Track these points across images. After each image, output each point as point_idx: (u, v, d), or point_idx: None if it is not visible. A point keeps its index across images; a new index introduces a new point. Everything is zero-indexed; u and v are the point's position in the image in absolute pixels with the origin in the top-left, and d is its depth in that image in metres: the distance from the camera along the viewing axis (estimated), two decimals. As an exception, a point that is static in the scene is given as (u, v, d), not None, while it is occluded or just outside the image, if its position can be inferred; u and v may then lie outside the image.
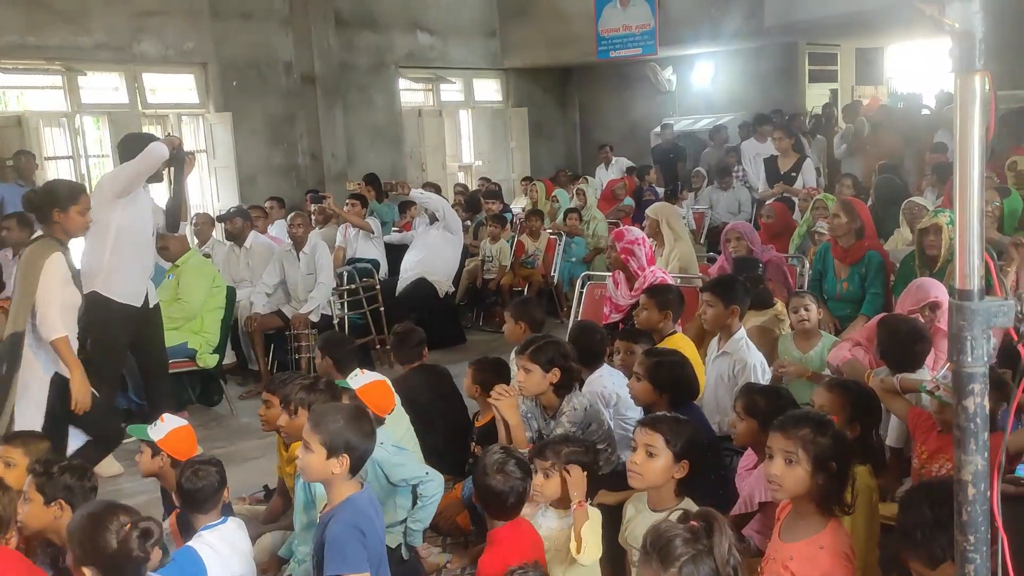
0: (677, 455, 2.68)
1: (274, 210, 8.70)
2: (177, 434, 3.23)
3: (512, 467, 2.71)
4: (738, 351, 3.95)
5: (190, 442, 3.26)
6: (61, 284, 4.17)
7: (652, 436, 2.68)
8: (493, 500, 2.71)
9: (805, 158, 8.08)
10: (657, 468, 2.67)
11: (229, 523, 2.91)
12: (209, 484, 2.88)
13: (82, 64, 9.09)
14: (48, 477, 2.82)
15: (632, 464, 2.72)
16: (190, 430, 3.31)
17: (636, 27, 11.98)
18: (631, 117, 13.89)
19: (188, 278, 5.94)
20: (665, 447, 2.67)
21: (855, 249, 5.06)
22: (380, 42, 11.97)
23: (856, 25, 10.86)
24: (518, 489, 2.70)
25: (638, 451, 2.71)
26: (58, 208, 4.26)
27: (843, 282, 5.13)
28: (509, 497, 2.69)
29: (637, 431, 2.77)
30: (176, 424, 3.27)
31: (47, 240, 4.27)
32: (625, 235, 5.12)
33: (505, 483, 2.67)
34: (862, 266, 5.05)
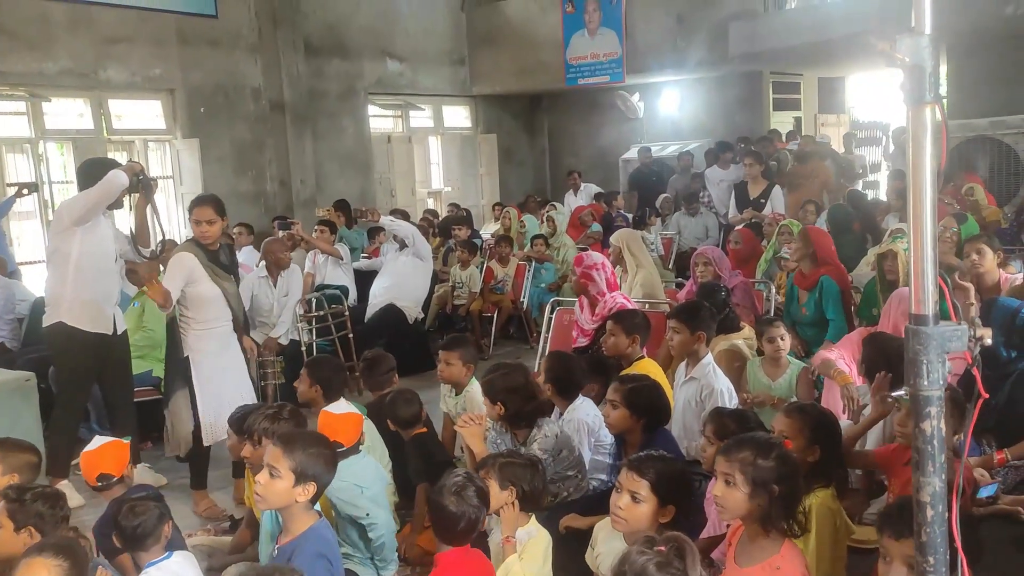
0: (663, 500, 2.60)
1: (242, 236, 8.63)
2: (108, 450, 3.20)
3: (470, 493, 2.66)
4: (705, 376, 3.99)
5: (121, 460, 3.21)
6: (181, 278, 4.53)
7: (638, 482, 2.59)
8: (444, 522, 2.66)
9: (774, 184, 8.22)
10: (642, 514, 2.59)
11: (174, 557, 2.81)
12: (148, 520, 2.79)
13: (46, 90, 9.01)
14: (20, 504, 2.76)
15: (616, 508, 2.63)
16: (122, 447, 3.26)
17: (604, 55, 12.16)
18: (599, 144, 14.04)
19: (153, 306, 5.86)
20: (651, 493, 2.58)
21: (811, 275, 5.22)
22: (349, 69, 12.01)
23: (818, 55, 11.09)
24: (470, 515, 2.64)
25: (622, 495, 2.62)
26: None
27: (802, 307, 5.34)
28: (460, 522, 2.63)
29: (623, 474, 2.66)
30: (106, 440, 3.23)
31: (187, 243, 4.75)
32: (584, 259, 5.17)
33: (458, 507, 2.62)
34: (816, 291, 5.24)
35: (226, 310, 4.68)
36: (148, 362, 5.79)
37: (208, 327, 4.64)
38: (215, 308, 4.64)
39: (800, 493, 2.41)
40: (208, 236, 4.61)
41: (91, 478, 3.19)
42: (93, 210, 4.70)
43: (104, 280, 4.86)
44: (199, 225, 4.62)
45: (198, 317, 4.61)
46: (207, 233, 4.61)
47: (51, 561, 2.34)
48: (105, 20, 9.26)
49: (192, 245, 4.63)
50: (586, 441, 3.81)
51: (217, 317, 4.66)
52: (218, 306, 4.65)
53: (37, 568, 2.33)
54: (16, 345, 6.41)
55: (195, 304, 4.59)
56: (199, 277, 4.56)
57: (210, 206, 4.62)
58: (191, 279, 4.53)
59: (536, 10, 13.02)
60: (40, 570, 2.33)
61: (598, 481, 3.78)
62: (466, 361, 4.27)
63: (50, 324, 4.79)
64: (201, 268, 4.57)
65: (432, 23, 13.15)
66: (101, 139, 9.52)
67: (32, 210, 9.06)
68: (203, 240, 4.62)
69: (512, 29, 13.20)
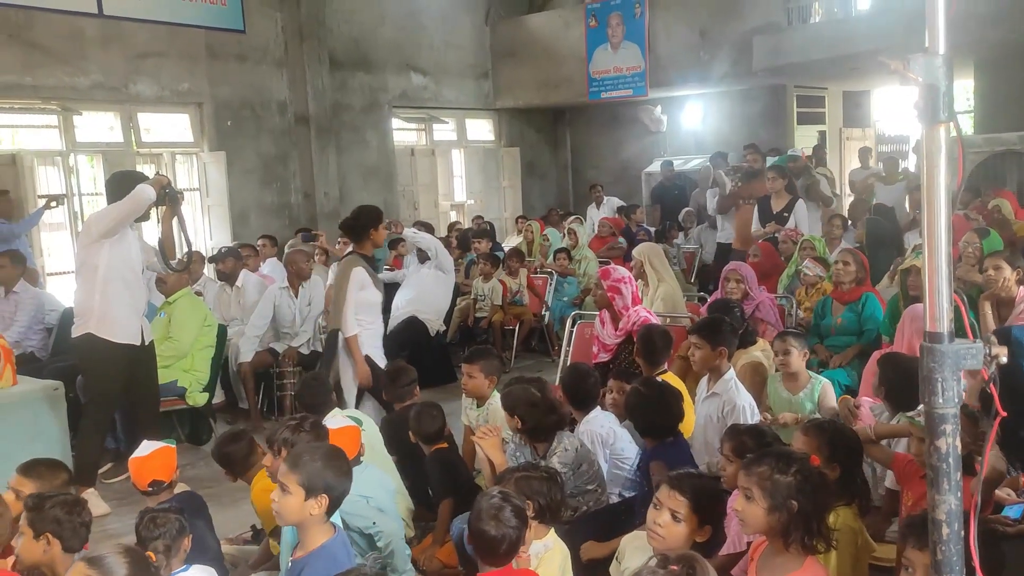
0: (701, 520, 2.61)
1: (266, 248, 8.73)
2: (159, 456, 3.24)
3: (508, 514, 2.62)
4: (727, 392, 3.97)
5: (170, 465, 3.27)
6: (357, 290, 5.12)
7: (679, 501, 2.59)
8: (485, 545, 2.63)
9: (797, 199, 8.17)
10: (681, 534, 2.58)
11: (192, 571, 2.83)
12: (167, 532, 2.80)
13: (78, 104, 9.18)
14: (38, 511, 2.79)
15: (655, 526, 2.62)
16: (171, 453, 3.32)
17: (627, 69, 12.21)
18: (622, 157, 14.05)
19: (180, 316, 5.94)
20: (691, 513, 2.59)
21: (854, 291, 5.37)
22: (374, 83, 12.13)
23: (843, 68, 11.05)
24: (511, 537, 2.61)
25: (662, 512, 2.62)
26: (373, 227, 5.26)
27: (838, 318, 5.36)
28: (502, 544, 2.60)
29: (662, 491, 2.66)
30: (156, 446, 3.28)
31: (353, 256, 5.28)
32: (611, 273, 5.17)
33: (498, 530, 2.59)
34: (859, 304, 5.31)
35: (379, 315, 5.37)
36: (174, 372, 5.86)
37: (373, 330, 5.27)
38: (375, 312, 5.31)
39: (824, 509, 2.39)
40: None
41: (142, 483, 3.23)
42: (121, 223, 4.79)
43: (132, 291, 4.94)
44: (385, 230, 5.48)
45: (365, 320, 5.19)
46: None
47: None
48: (136, 35, 9.44)
49: (357, 257, 5.24)
50: (601, 452, 3.82)
51: (376, 321, 5.32)
52: (376, 311, 5.31)
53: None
54: (45, 354, 6.51)
55: (364, 309, 5.18)
56: (367, 285, 5.17)
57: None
58: (362, 286, 5.13)
59: (560, 24, 13.09)
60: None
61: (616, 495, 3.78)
62: (488, 374, 4.29)
63: (80, 335, 4.87)
64: (367, 276, 5.19)
65: (456, 37, 13.25)
66: (130, 152, 9.68)
67: (62, 222, 9.22)
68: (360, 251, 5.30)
69: (535, 43, 13.27)
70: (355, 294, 5.10)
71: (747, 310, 5.39)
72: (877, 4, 10.51)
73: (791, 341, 4.34)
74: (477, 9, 13.63)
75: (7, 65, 8.52)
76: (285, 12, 10.87)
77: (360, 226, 5.28)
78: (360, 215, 5.35)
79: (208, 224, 10.49)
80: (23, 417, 4.77)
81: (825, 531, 2.36)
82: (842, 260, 5.46)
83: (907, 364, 3.59)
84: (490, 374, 4.31)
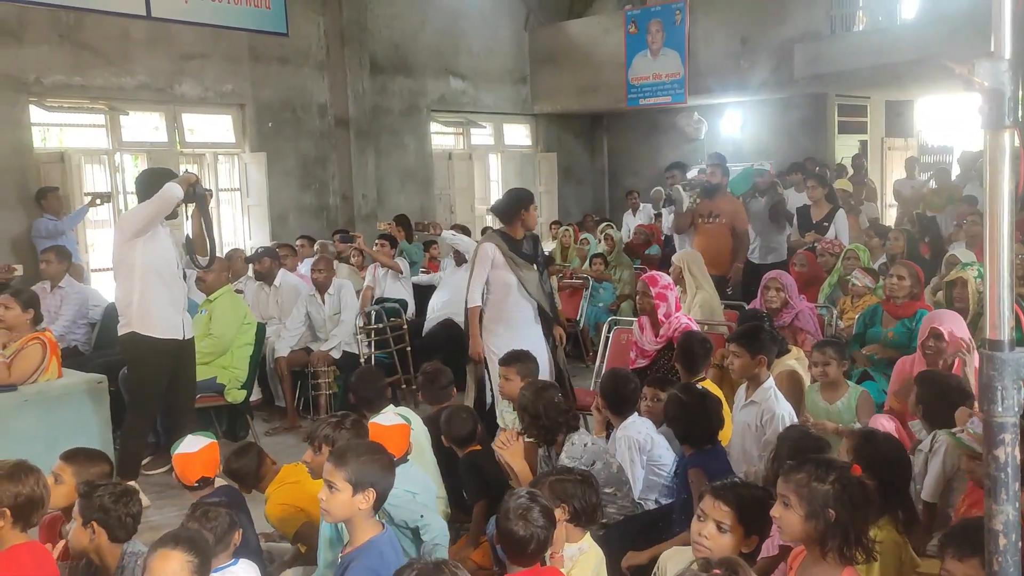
0: (747, 530, 2.58)
1: (304, 248, 8.82)
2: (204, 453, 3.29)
3: (536, 514, 2.65)
4: (766, 401, 3.93)
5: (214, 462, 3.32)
6: (485, 266, 5.19)
7: (724, 511, 2.58)
8: (513, 545, 2.65)
9: (838, 208, 8.07)
10: (727, 545, 2.56)
11: (240, 565, 2.85)
12: (219, 526, 2.82)
13: (124, 104, 9.35)
14: (87, 499, 2.85)
15: (700, 537, 2.61)
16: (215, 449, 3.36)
17: (666, 76, 12.17)
18: (659, 164, 13.96)
19: (220, 314, 6.02)
20: (737, 524, 2.57)
21: (908, 306, 5.19)
22: (413, 86, 12.21)
23: (886, 77, 10.91)
24: (539, 536, 2.63)
25: (707, 523, 2.60)
26: (523, 208, 5.24)
27: (889, 331, 5.24)
28: (530, 544, 2.62)
29: (706, 501, 2.64)
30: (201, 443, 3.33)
31: (491, 232, 5.43)
32: (659, 280, 5.15)
33: (526, 530, 2.61)
34: (912, 321, 5.13)
35: (523, 297, 5.14)
36: (212, 368, 5.94)
37: (505, 312, 5.15)
38: (513, 294, 5.16)
39: (864, 519, 2.35)
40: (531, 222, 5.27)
41: (188, 479, 3.27)
42: (151, 221, 4.82)
43: (169, 286, 4.98)
44: (535, 211, 5.32)
45: (495, 300, 5.18)
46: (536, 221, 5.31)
47: (184, 556, 2.39)
48: (182, 37, 9.60)
49: (496, 235, 5.25)
50: (637, 459, 3.80)
51: (516, 304, 5.16)
52: (515, 293, 5.16)
53: (171, 562, 2.38)
54: (88, 349, 6.64)
55: (495, 289, 5.16)
56: (499, 264, 5.13)
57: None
58: (494, 265, 5.13)
59: (599, 30, 13.09)
60: (173, 563, 2.38)
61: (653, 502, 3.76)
62: (525, 376, 4.29)
63: (124, 334, 4.95)
64: (501, 256, 5.13)
65: (495, 42, 13.30)
66: (174, 152, 9.83)
67: (107, 219, 9.38)
68: (533, 227, 5.31)
69: (574, 49, 13.28)
70: (484, 270, 5.14)
71: (786, 319, 5.34)
72: (923, 12, 10.35)
73: (830, 351, 4.29)
74: (517, 15, 13.68)
75: (58, 65, 8.71)
76: (327, 16, 10.99)
77: (511, 208, 5.28)
78: (513, 197, 5.37)
79: (248, 224, 10.62)
80: (67, 409, 4.86)
81: (865, 542, 2.33)
82: (897, 274, 5.23)
83: (945, 382, 3.56)
84: (527, 377, 4.30)
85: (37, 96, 8.69)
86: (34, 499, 2.78)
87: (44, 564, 2.76)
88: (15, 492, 2.73)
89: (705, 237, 7.35)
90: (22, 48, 8.47)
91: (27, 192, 8.49)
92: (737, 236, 7.35)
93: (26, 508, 2.76)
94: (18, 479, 2.76)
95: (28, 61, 8.51)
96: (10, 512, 2.72)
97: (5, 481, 2.74)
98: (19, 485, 2.75)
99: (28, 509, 2.77)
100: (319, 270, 6.91)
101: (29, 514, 2.79)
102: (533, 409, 3.61)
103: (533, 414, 3.62)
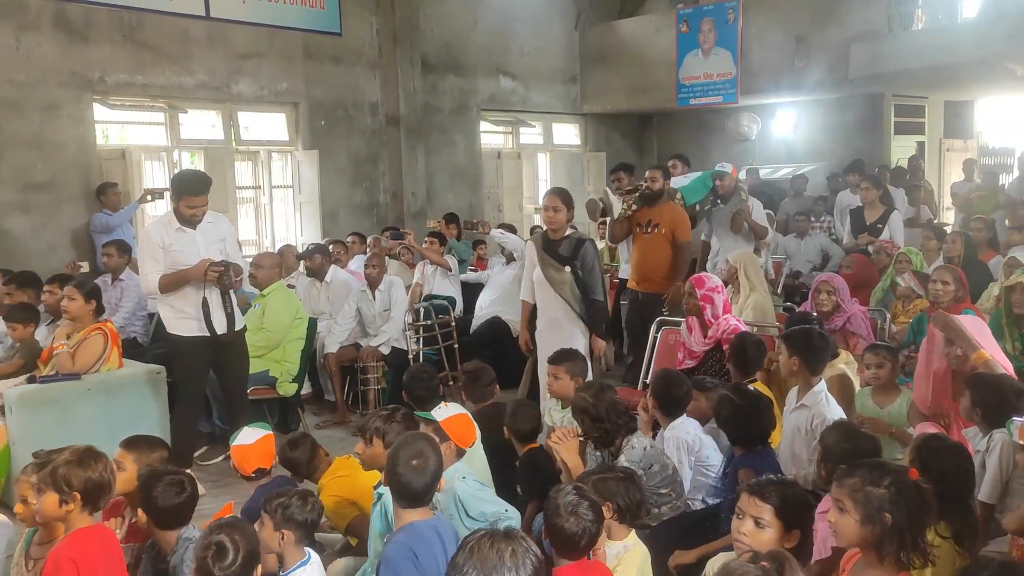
0: (787, 524, 2.59)
1: (355, 245, 8.94)
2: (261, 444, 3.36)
3: (585, 509, 2.67)
4: (817, 404, 3.89)
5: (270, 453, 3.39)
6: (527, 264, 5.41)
7: (761, 507, 2.59)
8: (563, 540, 2.67)
9: (893, 210, 7.90)
10: (767, 540, 2.57)
11: (312, 564, 2.93)
12: (317, 516, 2.92)
13: (183, 102, 9.57)
14: (142, 489, 3.00)
15: (740, 535, 2.63)
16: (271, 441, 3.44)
17: (717, 75, 12.06)
18: (709, 164, 13.78)
19: (273, 308, 6.15)
20: (775, 518, 2.58)
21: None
22: (464, 85, 12.28)
23: (945, 77, 10.68)
24: (590, 531, 2.65)
25: (744, 520, 2.62)
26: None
27: None
28: (581, 539, 2.64)
29: (743, 499, 2.66)
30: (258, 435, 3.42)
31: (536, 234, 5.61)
32: (706, 282, 5.12)
33: (577, 525, 2.63)
34: None
35: (556, 296, 5.19)
36: (266, 362, 6.07)
37: (544, 308, 5.28)
38: (542, 293, 5.26)
39: (921, 524, 2.32)
40: (552, 221, 5.20)
41: (246, 470, 3.36)
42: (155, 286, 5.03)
43: (188, 292, 5.06)
44: (546, 211, 5.25)
45: (536, 296, 5.31)
46: (552, 219, 5.20)
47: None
48: (239, 37, 9.79)
49: (537, 236, 5.30)
50: (685, 460, 3.80)
51: (551, 302, 5.23)
52: (544, 292, 5.25)
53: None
54: (146, 340, 6.82)
55: (536, 285, 5.29)
56: (535, 263, 5.25)
57: (558, 196, 5.22)
58: (533, 263, 5.27)
59: (650, 29, 13.02)
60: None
61: (700, 502, 3.75)
62: (574, 375, 4.30)
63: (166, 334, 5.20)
64: (535, 253, 5.23)
65: (546, 42, 13.31)
66: (230, 149, 10.04)
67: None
68: (548, 224, 5.26)
69: (625, 48, 13.23)
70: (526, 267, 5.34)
71: (837, 323, 5.28)
72: (985, 11, 10.09)
73: (884, 353, 4.23)
74: (568, 14, 13.66)
75: (120, 64, 8.96)
76: (380, 16, 11.11)
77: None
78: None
79: (299, 221, 10.79)
80: (128, 398, 5.03)
81: (922, 546, 2.30)
82: (940, 279, 5.13)
83: (998, 382, 3.48)
84: (575, 375, 4.31)
85: (101, 94, 8.95)
86: (102, 484, 2.88)
87: (109, 546, 2.86)
88: (85, 477, 2.83)
89: (640, 248, 6.57)
90: (87, 47, 8.72)
91: (90, 187, 8.76)
92: (677, 249, 6.43)
93: (94, 493, 2.86)
94: (87, 465, 2.86)
95: (92, 60, 8.77)
96: (80, 496, 2.82)
97: (75, 466, 2.83)
98: (88, 470, 2.85)
99: (96, 494, 2.87)
100: (372, 265, 7.01)
101: (97, 498, 2.89)
102: (595, 411, 3.58)
103: (595, 417, 3.58)
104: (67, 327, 5.16)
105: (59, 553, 2.74)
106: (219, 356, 5.26)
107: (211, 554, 2.47)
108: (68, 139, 8.67)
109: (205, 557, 2.48)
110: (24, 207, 8.41)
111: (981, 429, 3.39)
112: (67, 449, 2.92)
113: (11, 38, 8.26)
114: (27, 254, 8.15)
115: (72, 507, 2.82)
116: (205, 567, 2.47)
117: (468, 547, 2.09)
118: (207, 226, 5.13)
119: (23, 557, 3.05)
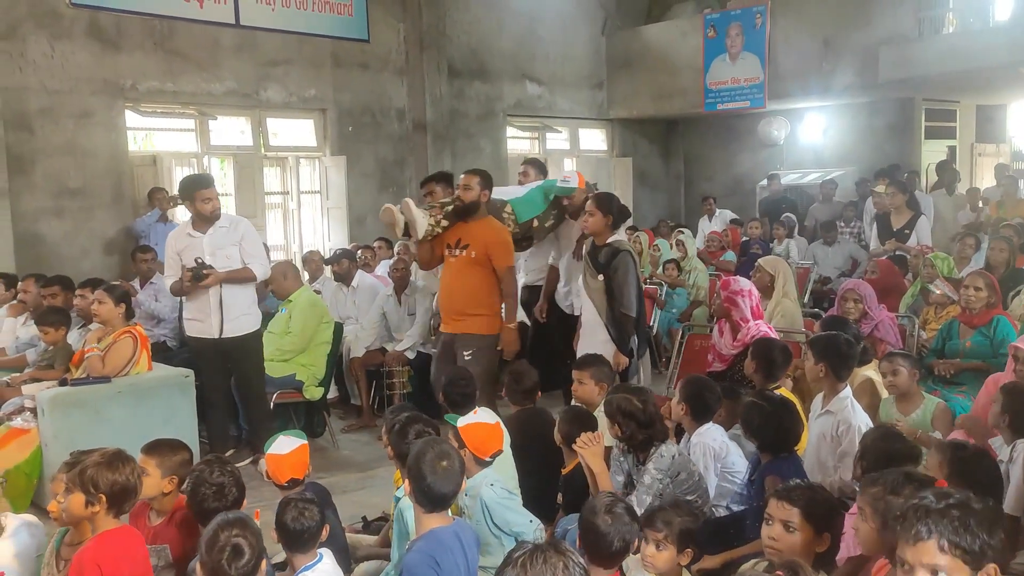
0: (817, 528, 2.56)
1: (382, 250, 8.99)
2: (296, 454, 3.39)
3: (620, 509, 2.63)
4: (842, 411, 3.87)
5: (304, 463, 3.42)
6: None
7: (789, 511, 2.57)
8: (597, 541, 2.60)
9: (920, 215, 7.82)
10: (796, 544, 2.55)
11: (325, 560, 2.90)
12: (314, 526, 2.85)
13: (213, 109, 9.70)
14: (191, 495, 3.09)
15: (769, 540, 2.61)
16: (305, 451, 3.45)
17: (745, 80, 11.98)
18: (736, 170, 13.79)
19: (299, 312, 6.20)
20: (804, 521, 2.56)
21: (984, 314, 5.09)
22: (490, 91, 12.32)
23: (977, 82, 10.54)
24: (624, 534, 2.59)
25: (773, 525, 2.60)
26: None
27: (966, 342, 5.13)
28: (614, 541, 2.58)
29: (771, 504, 2.64)
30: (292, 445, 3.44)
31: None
32: (731, 284, 5.12)
33: (611, 524, 2.58)
34: (990, 328, 5.04)
35: (587, 302, 5.24)
36: (292, 366, 6.12)
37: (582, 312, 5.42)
38: (583, 296, 5.35)
39: None
40: (587, 226, 5.24)
41: (280, 479, 3.36)
42: None
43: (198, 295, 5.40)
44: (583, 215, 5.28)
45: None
46: (585, 224, 5.26)
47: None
48: (267, 44, 9.90)
49: (590, 239, 5.30)
50: (712, 466, 3.78)
51: (585, 305, 5.32)
52: (583, 295, 5.32)
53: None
54: (176, 344, 6.91)
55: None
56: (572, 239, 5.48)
57: (593, 201, 5.25)
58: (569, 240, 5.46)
59: (677, 34, 12.97)
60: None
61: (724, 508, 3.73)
62: (599, 380, 4.28)
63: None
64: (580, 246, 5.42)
65: (572, 48, 13.31)
66: (258, 155, 10.15)
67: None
68: (584, 229, 5.36)
69: (651, 54, 13.19)
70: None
71: (865, 330, 5.22)
72: (1017, 15, 9.95)
73: (899, 361, 4.20)
74: (594, 20, 13.66)
75: (151, 71, 9.10)
76: (407, 22, 11.18)
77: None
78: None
79: (327, 226, 10.88)
80: (157, 401, 5.09)
81: None
82: (973, 285, 5.11)
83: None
84: (600, 381, 4.30)
85: (132, 101, 9.09)
86: (128, 488, 2.90)
87: (135, 547, 2.89)
88: (112, 480, 2.85)
89: (445, 276, 5.43)
90: (119, 55, 8.87)
91: (120, 193, 8.90)
92: (499, 278, 5.27)
93: (120, 496, 2.89)
94: (116, 467, 2.88)
95: (124, 67, 8.91)
96: (105, 498, 2.85)
97: (104, 468, 2.86)
98: (116, 473, 2.87)
99: (122, 497, 2.90)
100: (398, 269, 7.05)
101: (122, 501, 2.91)
102: (644, 416, 3.53)
103: (642, 422, 3.53)
104: (99, 331, 5.24)
105: (84, 556, 2.77)
106: (227, 357, 5.51)
107: (227, 555, 2.46)
108: (100, 146, 8.82)
109: (221, 559, 2.46)
110: (58, 212, 8.57)
111: (1005, 438, 3.34)
112: (97, 451, 2.95)
113: (45, 46, 8.42)
114: (60, 259, 8.30)
115: (98, 509, 2.85)
116: (221, 568, 2.46)
117: (519, 562, 2.01)
118: (220, 230, 5.41)
119: (53, 557, 3.09)
